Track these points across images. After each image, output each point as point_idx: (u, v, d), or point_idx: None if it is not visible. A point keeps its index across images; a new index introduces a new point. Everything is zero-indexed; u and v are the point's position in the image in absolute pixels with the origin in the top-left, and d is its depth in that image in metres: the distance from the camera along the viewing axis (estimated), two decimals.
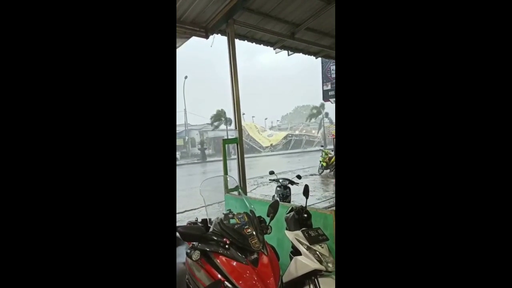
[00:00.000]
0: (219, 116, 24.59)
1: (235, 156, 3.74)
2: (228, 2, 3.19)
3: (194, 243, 1.35)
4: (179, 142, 25.77)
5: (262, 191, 7.66)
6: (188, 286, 1.38)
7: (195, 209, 5.99)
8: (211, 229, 1.41)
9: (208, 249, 1.32)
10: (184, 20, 3.45)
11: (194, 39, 3.76)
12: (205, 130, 26.72)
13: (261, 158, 20.79)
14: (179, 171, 15.26)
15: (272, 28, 4.10)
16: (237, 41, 3.78)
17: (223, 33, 3.75)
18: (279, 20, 3.95)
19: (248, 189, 4.51)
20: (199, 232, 1.32)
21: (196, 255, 1.26)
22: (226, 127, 24.53)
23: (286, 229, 1.81)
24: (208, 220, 1.54)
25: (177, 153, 24.80)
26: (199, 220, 1.56)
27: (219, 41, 3.94)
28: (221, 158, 3.54)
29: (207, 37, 3.74)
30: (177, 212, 5.75)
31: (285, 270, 1.66)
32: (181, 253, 1.66)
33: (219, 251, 1.31)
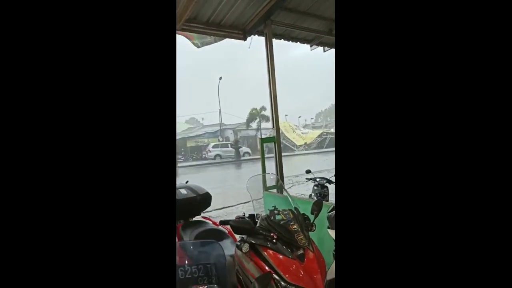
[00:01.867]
0: (254, 115, 24.84)
1: (269, 155, 3.79)
2: (267, 3, 3.25)
3: (243, 236, 1.43)
4: (213, 141, 26.53)
5: (298, 190, 7.62)
6: (238, 276, 1.46)
7: (232, 206, 6.17)
8: (258, 224, 1.48)
9: (256, 243, 1.39)
10: (223, 24, 3.58)
11: (227, 40, 3.89)
12: (239, 129, 27.19)
13: (295, 156, 20.61)
14: (214, 170, 15.73)
15: (310, 26, 4.07)
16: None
17: (260, 34, 3.82)
18: (317, 17, 3.91)
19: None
20: (248, 226, 1.39)
21: (245, 247, 1.34)
22: (260, 126, 24.71)
23: (328, 228, 1.82)
24: (255, 215, 1.61)
25: None
26: (247, 215, 1.64)
27: (254, 40, 4.02)
28: (255, 157, 3.62)
29: (245, 38, 3.84)
30: (215, 209, 5.96)
31: (327, 269, 1.67)
32: (226, 246, 1.76)
33: (267, 245, 1.37)
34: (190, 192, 2.61)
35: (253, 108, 24.95)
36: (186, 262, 1.02)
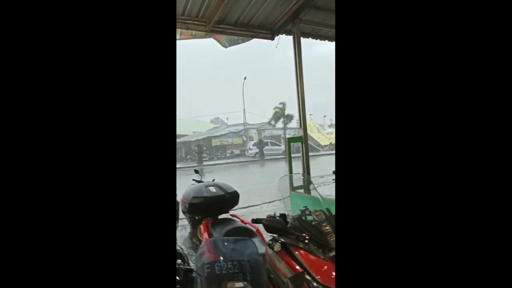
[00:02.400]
0: (278, 115, 24.75)
1: (295, 154, 3.76)
2: (295, 2, 3.23)
3: (274, 235, 1.44)
4: (237, 140, 26.81)
5: (323, 191, 7.47)
6: (269, 275, 1.47)
7: (257, 205, 6.19)
8: (289, 224, 1.48)
9: (288, 242, 1.39)
10: (252, 24, 3.60)
11: (254, 39, 3.91)
12: (262, 129, 27.23)
13: (320, 157, 20.27)
14: (238, 169, 15.89)
15: None
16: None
17: (288, 33, 3.80)
18: None
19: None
20: (281, 225, 1.40)
21: (277, 246, 1.35)
22: (285, 126, 24.57)
23: None
24: (286, 215, 1.61)
25: (236, 151, 25.82)
26: (277, 214, 1.65)
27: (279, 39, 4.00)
28: (279, 157, 3.61)
29: (272, 38, 3.85)
30: (239, 207, 6.03)
31: None
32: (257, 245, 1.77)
33: (299, 245, 1.37)
34: (219, 190, 2.66)
35: (277, 107, 24.84)
36: (221, 258, 1.04)
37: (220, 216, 2.67)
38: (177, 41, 3.45)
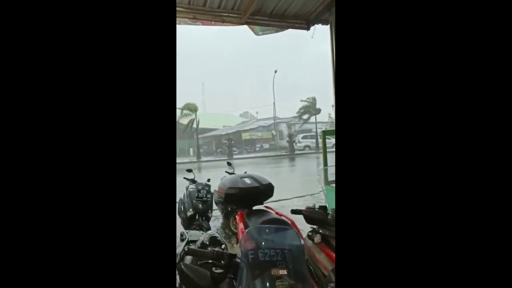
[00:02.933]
0: (308, 108, 24.30)
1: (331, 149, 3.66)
2: None
3: (314, 226, 1.42)
4: (267, 135, 26.84)
5: None
6: (308, 266, 1.47)
7: (287, 199, 6.18)
8: (329, 216, 1.45)
9: (328, 234, 1.37)
10: (287, 15, 3.55)
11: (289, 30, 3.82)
12: (293, 123, 26.95)
13: None
14: (268, 163, 15.93)
15: None
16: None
17: (324, 22, 3.69)
18: None
19: None
20: (321, 216, 1.38)
21: (318, 238, 1.33)
22: (316, 119, 24.07)
23: None
24: (326, 206, 1.59)
25: (266, 145, 25.89)
26: (317, 206, 1.63)
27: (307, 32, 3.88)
28: (310, 151, 3.53)
29: (308, 28, 3.76)
30: (270, 201, 6.05)
31: None
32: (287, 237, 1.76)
33: None
34: (253, 182, 2.69)
35: (307, 100, 24.35)
36: (264, 245, 1.05)
37: (255, 208, 2.70)
38: (208, 26, 3.49)
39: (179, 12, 3.03)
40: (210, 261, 1.12)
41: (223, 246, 1.25)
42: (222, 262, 1.12)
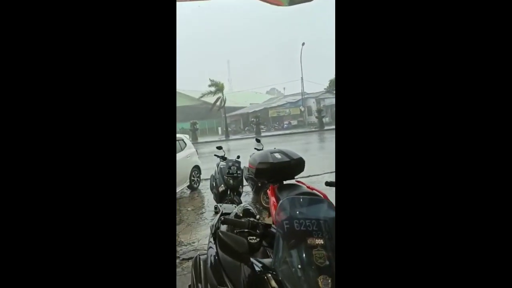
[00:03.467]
0: None
1: None
2: None
3: None
4: (295, 111, 26.37)
5: None
6: None
7: (318, 175, 6.15)
8: None
9: None
10: None
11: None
12: (322, 98, 26.10)
13: None
14: (296, 140, 15.78)
15: None
16: None
17: None
18: None
19: None
20: None
21: None
22: None
23: None
24: None
25: (294, 122, 25.54)
26: None
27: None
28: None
29: None
30: (300, 176, 6.07)
31: None
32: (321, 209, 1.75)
33: None
34: (284, 157, 2.68)
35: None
36: (298, 214, 1.06)
37: (286, 182, 2.72)
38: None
39: None
40: (246, 230, 1.16)
41: (257, 216, 1.27)
42: (257, 231, 1.14)
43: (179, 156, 5.21)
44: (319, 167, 6.55)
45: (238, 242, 1.02)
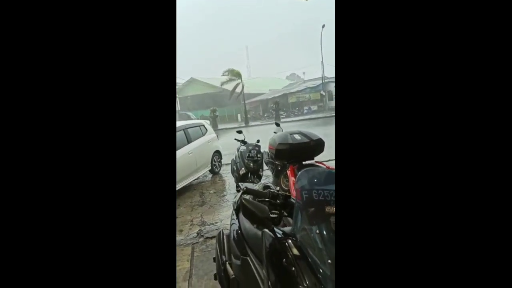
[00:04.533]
0: None
1: None
2: None
3: None
4: (315, 96, 25.80)
5: None
6: None
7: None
8: None
9: None
10: None
11: None
12: None
13: None
14: (317, 125, 15.52)
15: None
16: None
17: None
18: None
19: None
20: None
21: None
22: None
23: None
24: None
25: (314, 107, 25.06)
26: None
27: None
28: None
29: None
30: (322, 160, 6.03)
31: None
32: None
33: None
34: (303, 138, 2.69)
35: None
36: (316, 184, 1.08)
37: (305, 162, 2.74)
38: None
39: None
40: (267, 199, 1.21)
41: (277, 188, 1.32)
42: (278, 201, 1.19)
43: (200, 141, 5.34)
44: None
45: (259, 207, 1.07)
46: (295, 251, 0.95)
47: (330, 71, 27.51)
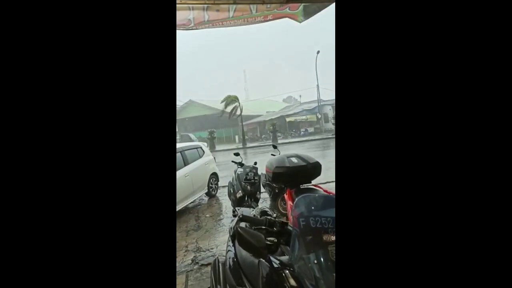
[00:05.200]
0: None
1: None
2: None
3: None
4: (311, 118, 26.17)
5: None
6: None
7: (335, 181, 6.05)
8: None
9: None
10: None
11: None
12: None
13: None
14: (313, 147, 15.61)
15: None
16: None
17: None
18: None
19: None
20: None
21: None
22: None
23: None
24: None
25: (311, 129, 25.33)
26: None
27: None
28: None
29: None
30: (319, 182, 6.00)
31: None
32: None
33: None
34: (300, 161, 2.69)
35: None
36: (314, 212, 1.06)
37: (303, 186, 2.71)
38: (248, 23, 3.43)
39: None
40: (263, 227, 1.18)
41: (274, 215, 1.29)
42: (275, 228, 1.16)
43: (197, 163, 5.31)
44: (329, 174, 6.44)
45: (255, 236, 1.04)
46: (292, 282, 0.92)
47: (326, 94, 28.13)
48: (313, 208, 1.08)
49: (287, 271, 0.95)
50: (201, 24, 2.99)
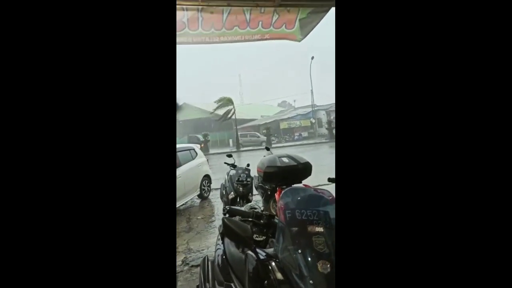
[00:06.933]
0: None
1: None
2: None
3: None
4: (305, 123, 26.34)
5: None
6: None
7: (327, 184, 6.08)
8: None
9: None
10: None
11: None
12: (332, 110, 26.02)
13: None
14: (307, 151, 15.68)
15: None
16: None
17: None
18: None
19: None
20: None
21: None
22: None
23: None
24: None
25: (304, 133, 25.47)
26: None
27: None
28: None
29: None
30: (312, 185, 6.01)
31: None
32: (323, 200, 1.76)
33: None
34: (291, 161, 2.71)
35: None
36: (300, 204, 1.08)
37: (294, 186, 2.73)
38: (245, 40, 3.45)
39: (209, 0, 3.07)
40: (250, 219, 1.19)
41: (262, 209, 1.30)
42: (261, 221, 1.17)
43: (190, 165, 5.29)
44: (328, 176, 6.48)
45: (241, 226, 1.05)
46: (279, 275, 0.93)
47: (320, 100, 28.42)
48: (298, 201, 1.10)
49: (273, 263, 0.96)
50: (197, 36, 3.05)
